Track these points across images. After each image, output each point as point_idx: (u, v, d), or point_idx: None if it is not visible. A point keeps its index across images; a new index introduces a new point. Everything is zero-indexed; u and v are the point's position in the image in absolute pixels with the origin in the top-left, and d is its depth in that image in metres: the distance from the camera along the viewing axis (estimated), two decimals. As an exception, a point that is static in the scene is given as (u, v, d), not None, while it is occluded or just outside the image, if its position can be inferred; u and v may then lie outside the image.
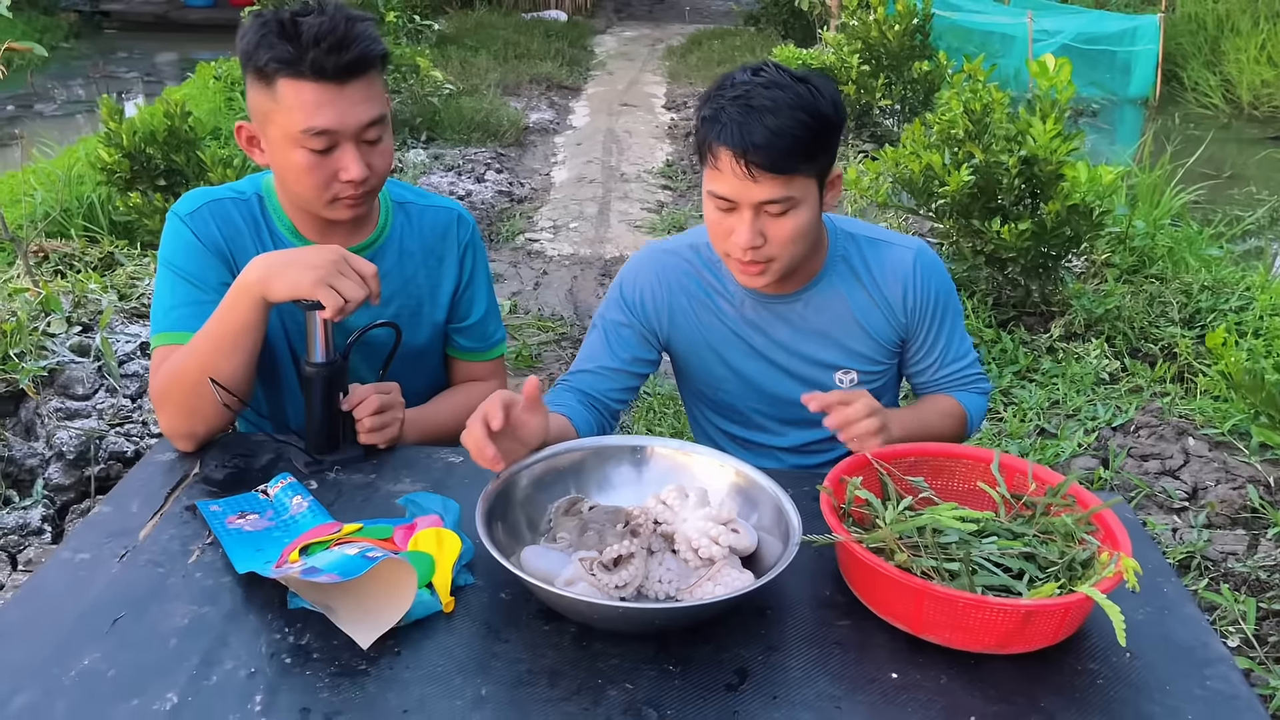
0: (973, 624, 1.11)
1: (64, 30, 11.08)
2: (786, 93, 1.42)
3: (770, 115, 1.40)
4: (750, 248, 1.48)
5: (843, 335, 1.66)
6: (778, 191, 1.44)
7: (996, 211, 3.77)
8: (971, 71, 3.85)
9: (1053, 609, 1.10)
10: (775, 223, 1.47)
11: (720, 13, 13.50)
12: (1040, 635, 1.13)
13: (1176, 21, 10.21)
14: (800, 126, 1.41)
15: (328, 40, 1.45)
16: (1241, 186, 6.83)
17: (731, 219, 1.49)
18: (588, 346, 1.73)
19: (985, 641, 1.13)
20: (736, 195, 1.46)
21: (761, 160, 1.41)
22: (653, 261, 1.71)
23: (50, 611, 1.18)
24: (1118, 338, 3.78)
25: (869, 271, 1.65)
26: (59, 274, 3.55)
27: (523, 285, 4.64)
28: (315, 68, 1.45)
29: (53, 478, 2.52)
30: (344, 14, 1.48)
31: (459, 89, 7.66)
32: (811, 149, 1.44)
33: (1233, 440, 3.10)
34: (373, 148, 1.54)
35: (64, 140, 5.84)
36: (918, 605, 1.14)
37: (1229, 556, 2.59)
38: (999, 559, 1.19)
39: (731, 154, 1.42)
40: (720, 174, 1.46)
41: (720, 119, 1.43)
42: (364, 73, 1.49)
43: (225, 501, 1.38)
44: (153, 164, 3.90)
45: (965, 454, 1.39)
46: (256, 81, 1.51)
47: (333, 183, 1.53)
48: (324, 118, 1.47)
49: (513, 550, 1.26)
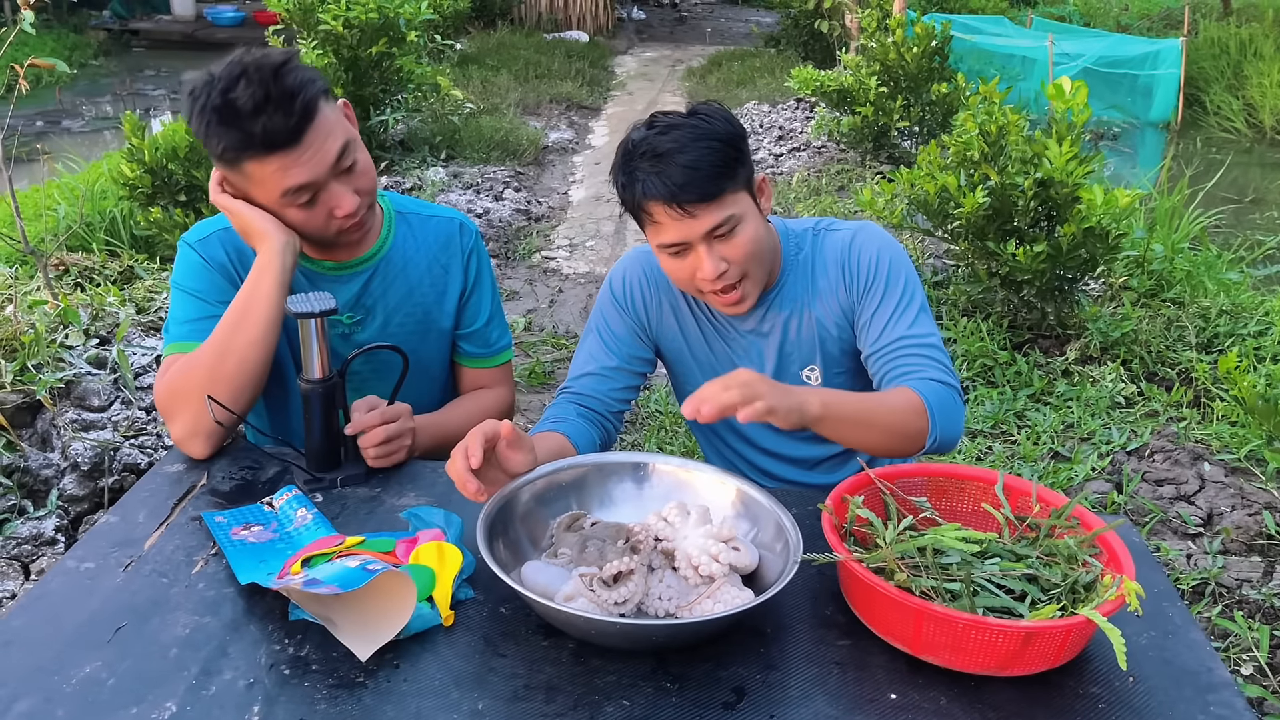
0: (972, 645, 1.10)
1: (93, 48, 11.26)
2: (683, 130, 1.47)
3: (679, 154, 1.45)
4: (718, 274, 1.51)
5: (809, 334, 1.67)
6: (718, 216, 1.48)
7: (1012, 234, 3.76)
8: (987, 94, 3.85)
9: (1053, 631, 1.09)
10: (728, 244, 1.51)
11: (741, 34, 13.57)
12: (1041, 658, 1.12)
13: (1199, 45, 10.18)
14: (709, 151, 1.45)
15: (268, 110, 1.44)
16: (1264, 211, 6.78)
17: (688, 260, 1.53)
18: (582, 351, 1.74)
19: (985, 663, 1.12)
20: (684, 236, 1.50)
21: (691, 196, 1.45)
22: (640, 261, 1.74)
23: (53, 619, 1.19)
24: (1134, 361, 3.75)
25: (820, 261, 1.66)
26: (78, 287, 3.59)
27: (538, 303, 4.66)
28: (268, 143, 1.46)
29: (67, 488, 2.55)
30: (269, 70, 1.45)
31: (479, 108, 7.72)
32: (729, 167, 1.48)
33: (1249, 466, 3.06)
34: (352, 173, 1.56)
35: (90, 156, 5.92)
36: (917, 626, 1.13)
37: (1244, 583, 2.56)
38: (1001, 580, 1.18)
39: (662, 203, 1.47)
40: (661, 226, 1.50)
41: (638, 177, 1.48)
42: (315, 117, 1.49)
43: (230, 513, 1.39)
44: (174, 179, 3.95)
45: (970, 475, 1.38)
46: (221, 165, 1.54)
47: (330, 220, 1.57)
48: (296, 176, 1.50)
49: (513, 565, 1.26)
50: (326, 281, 1.70)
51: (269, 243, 1.54)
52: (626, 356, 1.71)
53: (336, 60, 5.84)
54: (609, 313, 1.73)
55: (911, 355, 1.54)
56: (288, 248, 1.55)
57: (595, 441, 1.64)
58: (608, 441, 1.69)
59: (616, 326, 1.72)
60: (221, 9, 12.27)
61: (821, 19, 9.45)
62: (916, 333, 1.56)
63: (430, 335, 1.77)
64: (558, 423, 1.62)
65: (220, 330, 1.54)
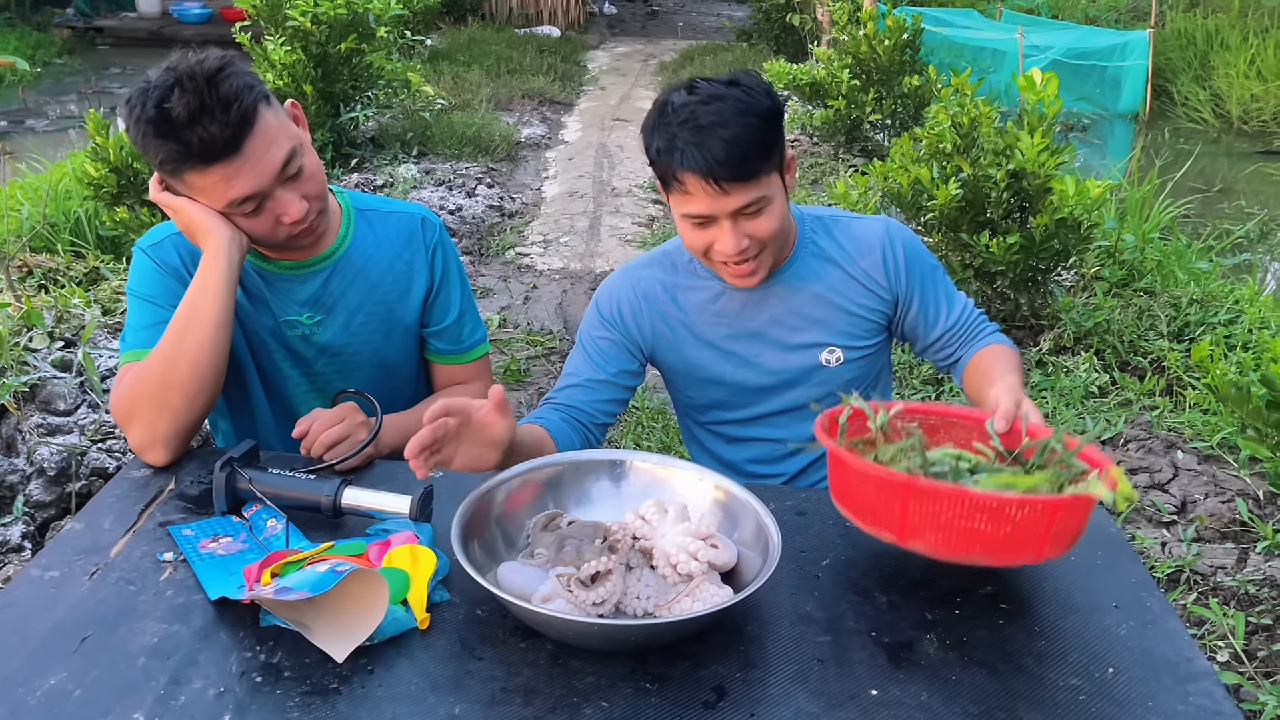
0: (957, 522, 1.09)
1: (57, 46, 11.08)
2: (727, 102, 1.45)
3: (721, 129, 1.43)
4: (739, 251, 1.51)
5: (821, 315, 1.68)
6: (750, 196, 1.48)
7: (985, 225, 3.77)
8: (959, 85, 3.86)
9: (1042, 505, 1.09)
10: (754, 222, 1.51)
11: (713, 29, 13.56)
12: (1029, 542, 1.10)
13: (1166, 37, 10.26)
14: (751, 130, 1.44)
15: (205, 120, 1.40)
16: (1231, 200, 6.85)
17: (710, 231, 1.53)
18: (570, 364, 1.73)
19: (971, 548, 1.11)
20: (712, 211, 1.49)
21: (728, 174, 1.44)
22: (626, 278, 1.73)
23: (16, 630, 1.16)
24: (1107, 351, 3.78)
25: (841, 249, 1.68)
26: (43, 289, 3.53)
27: (512, 299, 4.63)
28: (207, 154, 1.42)
29: (33, 494, 2.50)
30: (204, 77, 1.41)
31: (451, 104, 7.66)
32: (767, 147, 1.47)
33: (1222, 454, 3.09)
34: (299, 179, 1.53)
35: (55, 156, 5.83)
36: (903, 505, 1.12)
37: (1218, 570, 2.58)
38: (989, 483, 1.19)
39: (698, 176, 1.45)
40: (691, 196, 1.49)
41: (676, 146, 1.46)
42: (254, 124, 1.45)
43: (198, 525, 1.36)
44: (139, 179, 3.89)
45: (960, 414, 1.39)
46: (161, 174, 1.50)
47: (278, 227, 1.54)
48: (240, 187, 1.47)
49: (489, 566, 1.24)
50: (283, 281, 1.66)
51: (213, 238, 1.50)
52: (614, 371, 1.70)
53: (305, 57, 5.77)
54: (596, 330, 1.72)
55: (975, 325, 1.73)
56: (233, 242, 1.51)
57: (574, 443, 1.62)
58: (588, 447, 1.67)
59: (603, 342, 1.71)
60: (187, 6, 12.09)
61: (793, 12, 9.46)
62: (965, 305, 1.74)
63: (395, 333, 1.74)
64: (540, 419, 1.61)
65: (169, 334, 1.50)
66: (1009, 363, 1.62)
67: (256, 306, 1.66)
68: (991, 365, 1.61)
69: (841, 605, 1.24)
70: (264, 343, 1.68)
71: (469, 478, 1.47)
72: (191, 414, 1.49)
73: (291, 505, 1.36)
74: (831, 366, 1.69)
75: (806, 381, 1.71)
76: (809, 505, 1.45)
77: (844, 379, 1.70)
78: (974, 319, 1.74)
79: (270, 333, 1.68)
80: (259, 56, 5.73)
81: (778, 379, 1.70)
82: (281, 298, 1.67)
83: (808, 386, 1.71)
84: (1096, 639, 1.19)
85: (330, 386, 1.72)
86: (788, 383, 1.71)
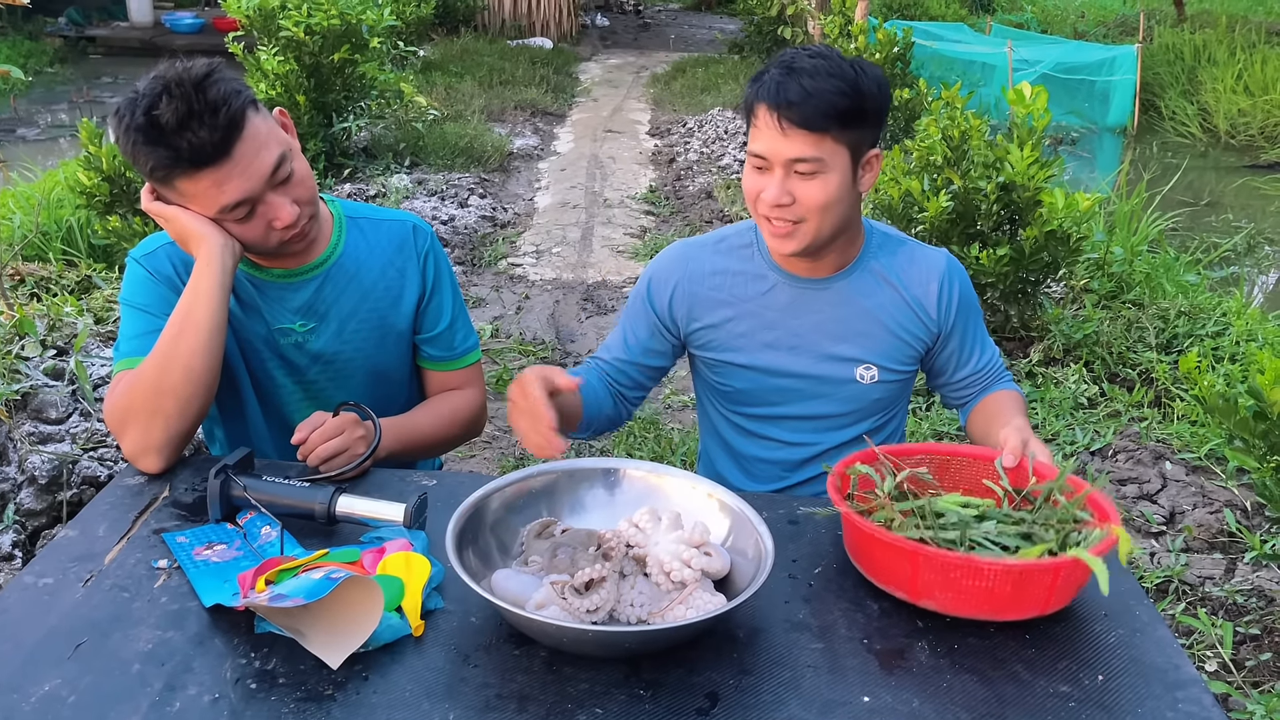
0: (965, 586, 1.15)
1: (49, 55, 11.07)
2: (829, 62, 1.51)
3: (807, 77, 1.48)
4: (778, 204, 1.54)
5: (868, 331, 1.68)
6: (807, 150, 1.50)
7: (975, 237, 3.79)
8: (949, 99, 3.89)
9: (1042, 569, 1.14)
10: (804, 184, 1.53)
11: (705, 41, 13.62)
12: (1033, 599, 1.16)
13: (1154, 51, 10.36)
14: (834, 90, 1.48)
15: (194, 125, 1.41)
16: (1219, 214, 6.91)
17: (765, 178, 1.56)
18: (611, 336, 1.82)
19: (980, 606, 1.17)
20: (769, 151, 1.52)
21: (793, 116, 1.48)
22: (680, 254, 1.77)
23: (11, 636, 1.16)
24: (1096, 363, 3.80)
25: (898, 273, 1.69)
26: (35, 297, 3.53)
27: (505, 310, 4.64)
28: (197, 159, 1.43)
29: (24, 502, 2.49)
30: (191, 83, 1.42)
31: (443, 115, 7.69)
32: (844, 115, 1.49)
33: (1210, 465, 3.11)
34: (289, 183, 1.54)
35: (46, 165, 5.83)
36: (913, 569, 1.18)
37: (1206, 580, 2.60)
38: (997, 539, 1.24)
39: (767, 108, 1.50)
40: (758, 130, 1.54)
41: (763, 79, 1.53)
42: (243, 129, 1.46)
43: (192, 532, 1.36)
44: (132, 188, 3.89)
45: (971, 453, 1.43)
46: (153, 183, 1.51)
47: (270, 232, 1.55)
48: (231, 192, 1.47)
49: (483, 574, 1.25)
50: (275, 289, 1.67)
51: (206, 245, 1.51)
52: (643, 351, 1.77)
53: (298, 67, 5.78)
54: (637, 308, 1.78)
55: (996, 372, 1.78)
56: (226, 249, 1.52)
57: (602, 404, 1.73)
58: (617, 417, 1.79)
59: (639, 325, 1.78)
60: (180, 15, 12.11)
61: (785, 26, 9.52)
62: (994, 353, 1.79)
63: (388, 340, 1.75)
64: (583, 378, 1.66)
65: (162, 341, 1.50)
66: (1016, 405, 1.69)
67: (249, 314, 1.66)
68: (1000, 409, 1.68)
69: (834, 613, 1.25)
70: (257, 351, 1.69)
71: (462, 485, 1.48)
72: (185, 420, 1.50)
73: (286, 513, 1.37)
74: (864, 384, 1.70)
75: (835, 394, 1.71)
76: (801, 513, 1.46)
77: (871, 398, 1.71)
78: (998, 366, 1.79)
79: (263, 341, 1.68)
80: (252, 66, 5.74)
81: (807, 383, 1.71)
82: (274, 306, 1.67)
83: (835, 399, 1.72)
84: (1086, 647, 1.20)
85: (323, 394, 1.72)
86: (815, 389, 1.71)
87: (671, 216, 6.20)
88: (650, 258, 5.37)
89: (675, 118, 8.80)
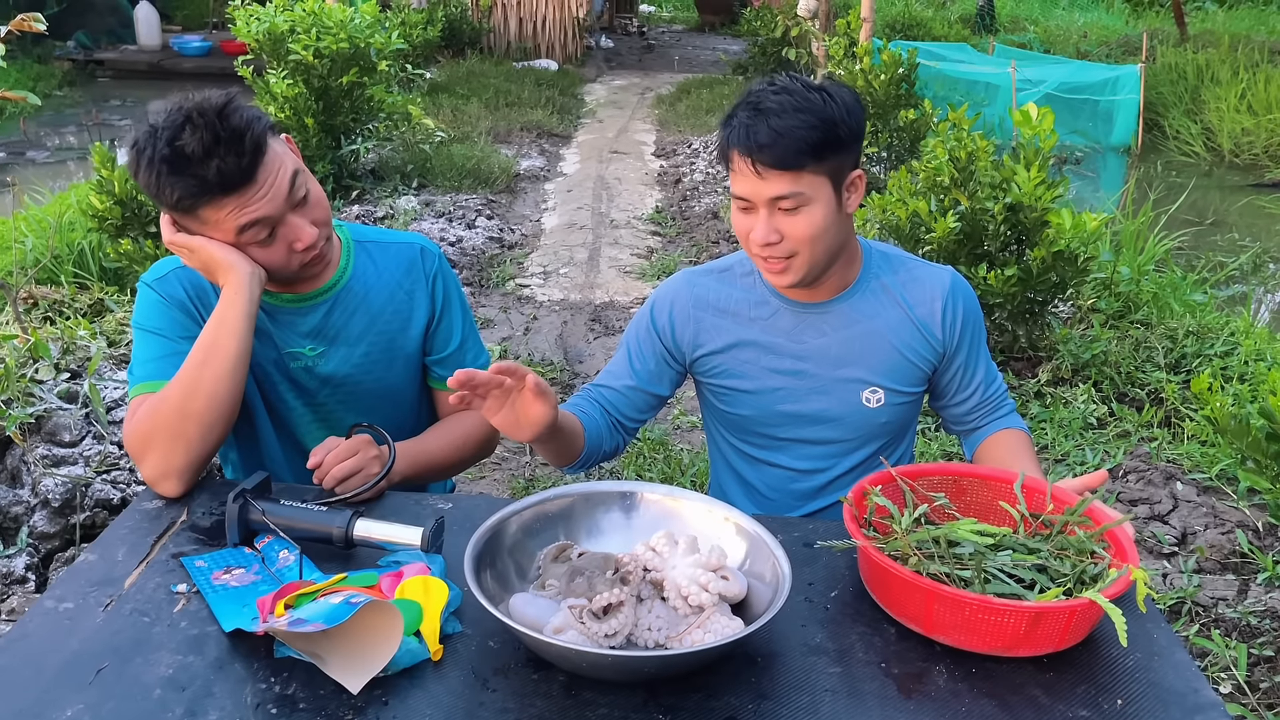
0: (980, 625, 1.16)
1: (58, 78, 11.16)
2: (794, 97, 1.50)
3: (775, 117, 1.49)
4: (766, 243, 1.55)
5: (873, 353, 1.68)
6: (786, 187, 1.51)
7: (983, 258, 3.80)
8: (956, 120, 3.91)
9: (1057, 612, 1.14)
10: (790, 219, 1.53)
11: (709, 62, 13.69)
12: (1047, 638, 1.17)
13: (1157, 71, 10.39)
14: (803, 126, 1.48)
15: (219, 152, 1.44)
16: (1224, 233, 6.91)
17: (751, 218, 1.57)
18: (613, 364, 1.80)
19: (993, 643, 1.18)
20: (750, 194, 1.54)
21: (766, 159, 1.49)
22: (685, 281, 1.77)
23: (32, 661, 1.17)
24: (1105, 383, 3.80)
25: (903, 291, 1.69)
26: (48, 320, 3.54)
27: (513, 330, 4.65)
28: (225, 185, 1.46)
29: (38, 525, 2.50)
30: (213, 112, 1.45)
31: (450, 136, 7.73)
32: (817, 148, 1.50)
33: (1221, 485, 3.11)
34: (307, 204, 1.56)
35: (56, 187, 5.87)
36: (928, 607, 1.19)
37: (1219, 602, 2.59)
38: (1013, 570, 1.24)
39: (740, 154, 1.51)
40: (736, 174, 1.55)
41: (733, 124, 1.53)
42: (264, 154, 1.49)
43: (210, 556, 1.37)
44: (144, 211, 3.91)
45: (989, 475, 1.44)
46: (175, 214, 1.53)
47: (291, 255, 1.57)
48: (253, 212, 1.50)
49: (501, 597, 1.25)
50: (285, 314, 1.68)
51: (235, 274, 1.53)
52: (646, 377, 1.76)
53: (307, 90, 5.83)
54: (641, 335, 1.77)
55: (1000, 399, 1.78)
56: (253, 277, 1.54)
57: (603, 434, 1.70)
58: (616, 448, 1.76)
59: (644, 351, 1.77)
60: (188, 39, 12.20)
61: (789, 46, 9.55)
62: (998, 377, 1.79)
63: (397, 363, 1.76)
64: (574, 408, 1.67)
65: (187, 366, 1.51)
66: (1027, 452, 1.69)
67: (260, 339, 1.68)
68: (1011, 456, 1.68)
69: (851, 636, 1.25)
70: (268, 375, 1.70)
71: (478, 509, 1.49)
72: (206, 446, 1.51)
73: (303, 536, 1.37)
74: (870, 407, 1.69)
75: (841, 420, 1.71)
76: (817, 536, 1.46)
77: (879, 421, 1.71)
78: (1002, 393, 1.78)
79: (274, 365, 1.70)
80: (261, 90, 5.78)
81: (812, 408, 1.71)
82: (284, 330, 1.69)
83: (842, 424, 1.71)
84: (1104, 671, 1.20)
85: (334, 417, 1.73)
86: (821, 414, 1.71)
87: (678, 237, 6.22)
88: (658, 278, 5.41)
89: (680, 138, 8.84)
